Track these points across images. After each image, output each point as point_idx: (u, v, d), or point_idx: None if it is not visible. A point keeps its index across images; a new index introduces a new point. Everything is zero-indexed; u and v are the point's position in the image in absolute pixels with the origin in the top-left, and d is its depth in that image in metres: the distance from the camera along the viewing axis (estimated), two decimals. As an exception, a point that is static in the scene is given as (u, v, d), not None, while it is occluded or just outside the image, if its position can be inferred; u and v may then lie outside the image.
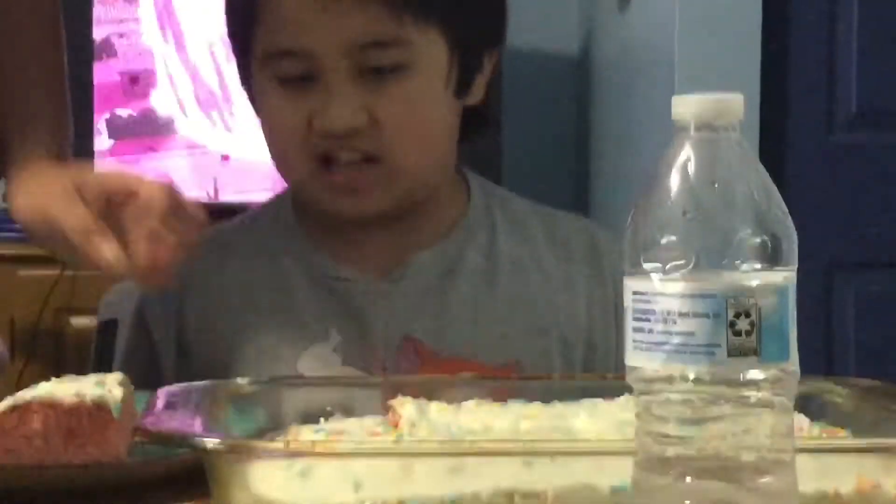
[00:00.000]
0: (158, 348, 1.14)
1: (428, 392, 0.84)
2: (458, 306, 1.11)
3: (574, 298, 1.14)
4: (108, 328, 1.31)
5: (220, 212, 1.20)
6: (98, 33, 2.58)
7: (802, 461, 0.62)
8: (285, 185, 1.17)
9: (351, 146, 1.06)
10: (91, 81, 2.56)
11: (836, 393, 0.86)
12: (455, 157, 1.15)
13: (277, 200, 1.19)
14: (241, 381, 0.88)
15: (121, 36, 2.59)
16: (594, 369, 1.13)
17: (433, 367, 1.08)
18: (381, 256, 1.13)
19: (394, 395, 0.82)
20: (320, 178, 1.08)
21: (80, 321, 2.47)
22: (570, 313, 1.14)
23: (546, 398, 0.85)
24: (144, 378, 1.14)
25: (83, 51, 2.49)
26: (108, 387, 0.84)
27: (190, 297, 1.13)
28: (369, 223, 1.12)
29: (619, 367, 0.65)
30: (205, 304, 1.13)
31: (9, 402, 0.81)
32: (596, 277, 1.15)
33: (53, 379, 0.86)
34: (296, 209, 1.16)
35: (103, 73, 2.59)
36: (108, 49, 2.59)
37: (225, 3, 1.13)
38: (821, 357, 2.25)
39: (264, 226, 1.17)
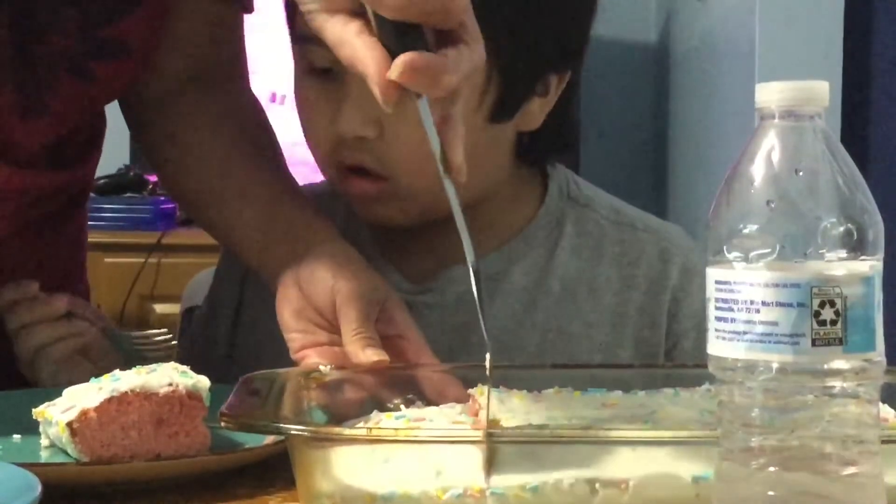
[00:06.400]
0: (219, 322, 1.16)
1: (507, 381, 0.84)
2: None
3: (623, 330, 1.08)
4: (191, 315, 1.32)
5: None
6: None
7: (888, 452, 0.61)
8: None
9: (355, 157, 1.02)
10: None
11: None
12: (502, 176, 1.08)
13: None
14: (323, 368, 0.89)
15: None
16: None
17: None
18: (426, 263, 1.08)
19: (472, 385, 0.82)
20: (340, 183, 1.04)
21: (163, 308, 2.51)
22: (611, 347, 1.08)
23: (626, 387, 0.85)
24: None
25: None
26: (194, 375, 0.85)
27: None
28: (411, 229, 1.07)
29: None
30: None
31: (104, 392, 0.82)
32: (654, 305, 1.08)
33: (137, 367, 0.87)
34: None
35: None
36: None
37: None
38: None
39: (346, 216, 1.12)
